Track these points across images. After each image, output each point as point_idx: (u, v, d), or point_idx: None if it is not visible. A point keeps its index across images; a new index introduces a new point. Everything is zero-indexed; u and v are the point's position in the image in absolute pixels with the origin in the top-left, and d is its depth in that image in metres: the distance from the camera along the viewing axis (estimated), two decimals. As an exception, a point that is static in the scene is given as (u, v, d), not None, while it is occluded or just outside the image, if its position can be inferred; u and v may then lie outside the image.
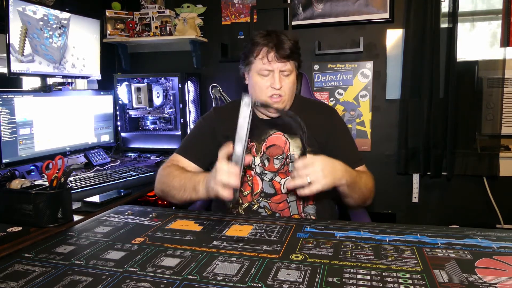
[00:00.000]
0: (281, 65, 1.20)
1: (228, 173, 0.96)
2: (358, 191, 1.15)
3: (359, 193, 1.16)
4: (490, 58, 2.34)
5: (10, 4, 1.67)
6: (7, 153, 1.65)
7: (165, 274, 0.75)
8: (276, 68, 1.20)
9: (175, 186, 1.17)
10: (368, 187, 1.20)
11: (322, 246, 0.87)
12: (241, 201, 1.27)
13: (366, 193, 1.19)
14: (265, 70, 1.21)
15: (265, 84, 1.21)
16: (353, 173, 1.12)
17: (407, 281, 0.70)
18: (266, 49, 1.19)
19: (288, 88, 1.23)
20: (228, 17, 2.71)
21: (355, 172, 1.14)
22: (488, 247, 0.85)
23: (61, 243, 0.91)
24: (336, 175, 1.04)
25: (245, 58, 1.26)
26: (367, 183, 1.20)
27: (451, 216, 2.48)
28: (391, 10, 2.41)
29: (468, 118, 2.35)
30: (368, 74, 2.49)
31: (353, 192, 1.14)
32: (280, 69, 1.20)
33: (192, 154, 1.30)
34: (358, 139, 2.55)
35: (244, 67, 1.28)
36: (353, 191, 1.14)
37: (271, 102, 1.22)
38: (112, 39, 2.62)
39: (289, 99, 1.26)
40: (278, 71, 1.20)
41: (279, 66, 1.20)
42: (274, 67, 1.20)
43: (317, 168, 1.00)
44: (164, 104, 2.55)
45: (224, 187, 0.97)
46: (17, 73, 1.77)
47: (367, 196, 1.21)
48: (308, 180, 0.99)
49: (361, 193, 1.17)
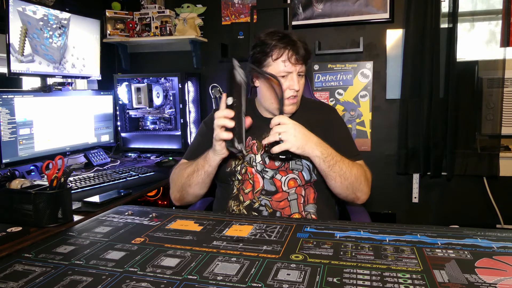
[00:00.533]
0: (299, 66, 1.25)
1: (224, 116, 1.05)
2: (338, 171, 1.14)
3: (340, 175, 1.15)
4: (490, 58, 2.34)
5: (10, 4, 1.67)
6: (7, 153, 1.65)
7: (165, 274, 0.75)
8: (295, 70, 1.24)
9: (189, 172, 1.24)
10: (357, 174, 1.18)
11: (322, 246, 0.87)
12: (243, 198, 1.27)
13: (352, 179, 1.17)
14: (285, 72, 1.24)
15: (284, 86, 1.24)
16: (332, 152, 1.14)
17: (407, 281, 0.70)
18: (287, 51, 1.22)
19: (301, 90, 1.29)
20: (228, 17, 2.72)
21: (337, 154, 1.15)
22: (488, 247, 0.85)
23: (61, 243, 0.91)
24: (308, 141, 1.09)
25: (260, 61, 1.26)
26: (356, 170, 1.18)
27: (451, 216, 2.49)
28: (391, 10, 2.41)
29: (468, 118, 2.35)
30: (368, 74, 2.49)
31: (332, 171, 1.14)
32: (298, 71, 1.25)
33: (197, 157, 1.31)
34: (358, 139, 2.55)
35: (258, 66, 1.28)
36: (332, 170, 1.14)
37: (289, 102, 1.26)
38: (112, 39, 2.63)
39: (300, 101, 1.32)
40: (296, 72, 1.24)
41: (297, 68, 1.24)
42: (293, 69, 1.23)
43: (289, 128, 1.07)
44: (164, 104, 2.55)
45: (221, 129, 1.06)
46: (17, 73, 1.77)
47: (355, 184, 1.18)
48: (278, 137, 1.06)
49: (344, 176, 1.15)
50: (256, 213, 1.24)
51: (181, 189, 1.28)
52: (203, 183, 1.25)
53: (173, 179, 1.31)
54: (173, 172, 1.33)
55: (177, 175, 1.30)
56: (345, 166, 1.16)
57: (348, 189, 1.19)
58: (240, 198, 1.27)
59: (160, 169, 2.01)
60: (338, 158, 1.15)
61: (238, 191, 1.28)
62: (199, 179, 1.22)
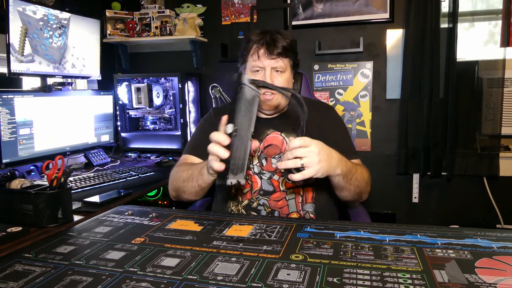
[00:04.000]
0: (272, 62, 1.21)
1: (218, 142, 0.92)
2: (354, 182, 1.11)
3: (355, 185, 1.12)
4: (490, 58, 2.34)
5: (10, 4, 1.67)
6: (7, 153, 1.65)
7: (165, 274, 0.75)
8: (267, 65, 1.21)
9: (184, 178, 1.16)
10: (365, 178, 1.16)
11: (322, 246, 0.87)
12: (241, 199, 1.27)
13: (362, 185, 1.15)
14: (257, 67, 1.22)
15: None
16: (349, 163, 1.08)
17: (407, 281, 0.70)
18: (257, 46, 1.21)
19: (282, 85, 1.23)
20: (228, 17, 2.71)
21: (350, 163, 1.10)
22: (488, 247, 0.85)
23: (61, 243, 0.91)
24: (331, 162, 0.99)
25: (241, 57, 1.27)
26: (364, 175, 1.15)
27: (451, 216, 2.49)
28: (391, 10, 2.41)
29: (468, 118, 2.35)
30: (368, 74, 2.49)
31: (349, 184, 1.10)
32: (271, 66, 1.21)
33: (199, 151, 1.30)
34: (358, 139, 2.55)
35: (241, 65, 1.29)
36: (349, 183, 1.10)
37: (264, 99, 1.22)
38: (112, 39, 2.63)
39: (282, 98, 1.26)
40: (269, 68, 1.21)
41: (270, 63, 1.21)
42: (265, 64, 1.21)
43: (313, 150, 0.93)
44: (164, 104, 2.55)
45: (214, 157, 0.93)
46: (17, 73, 1.77)
47: (363, 189, 1.17)
48: (300, 163, 0.93)
49: (357, 185, 1.13)
50: (254, 212, 1.24)
51: (176, 190, 1.24)
52: (197, 194, 1.18)
53: (171, 178, 1.26)
54: (173, 170, 1.28)
55: (174, 176, 1.24)
56: (358, 173, 1.12)
57: (357, 194, 1.17)
58: (238, 198, 1.28)
59: (160, 169, 2.01)
60: (353, 169, 1.10)
61: (236, 192, 1.28)
62: (192, 190, 1.16)
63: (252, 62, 1.22)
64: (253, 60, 1.22)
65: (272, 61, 1.20)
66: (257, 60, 1.21)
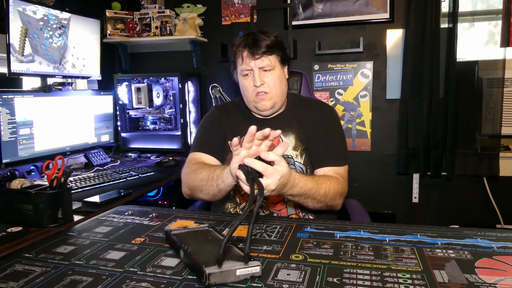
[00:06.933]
0: (258, 62, 1.20)
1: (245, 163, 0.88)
2: (312, 201, 1.08)
3: (317, 200, 1.09)
4: (490, 58, 2.34)
5: (10, 4, 1.67)
6: (7, 153, 1.65)
7: (165, 274, 0.75)
8: (254, 66, 1.21)
9: (203, 178, 1.14)
10: (331, 194, 1.11)
11: (322, 246, 0.87)
12: (239, 200, 1.27)
13: (327, 201, 1.11)
14: (245, 70, 1.23)
15: (249, 84, 1.23)
16: (309, 185, 1.04)
17: (407, 281, 0.70)
18: (241, 49, 1.21)
19: (273, 84, 1.22)
20: (228, 17, 2.72)
21: (312, 183, 1.06)
22: (488, 247, 0.85)
23: (61, 243, 0.91)
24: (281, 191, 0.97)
25: (231, 64, 1.29)
26: (331, 190, 1.11)
27: (451, 216, 2.48)
28: (391, 10, 2.41)
29: (468, 118, 2.35)
30: (368, 74, 2.49)
31: (306, 202, 1.08)
32: (258, 66, 1.21)
33: (207, 148, 1.30)
34: (358, 139, 2.55)
35: (233, 72, 1.31)
36: (305, 202, 1.08)
37: (258, 99, 1.23)
38: (112, 39, 2.63)
39: (277, 96, 1.25)
40: (257, 68, 1.21)
41: (257, 64, 1.20)
42: (251, 65, 1.21)
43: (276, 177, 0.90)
44: (164, 104, 2.55)
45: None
46: (17, 73, 1.77)
47: (329, 203, 1.13)
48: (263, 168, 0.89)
49: (319, 200, 1.09)
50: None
51: (192, 189, 1.21)
52: (214, 196, 1.14)
53: (186, 176, 1.23)
54: (186, 168, 1.24)
55: (191, 174, 1.20)
56: (321, 192, 1.08)
57: (321, 208, 1.14)
58: (236, 200, 1.27)
59: (160, 169, 2.01)
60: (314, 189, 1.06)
61: (235, 194, 1.27)
62: (210, 191, 1.12)
63: (240, 66, 1.23)
64: (240, 64, 1.23)
65: (257, 61, 1.20)
66: (243, 63, 1.22)
